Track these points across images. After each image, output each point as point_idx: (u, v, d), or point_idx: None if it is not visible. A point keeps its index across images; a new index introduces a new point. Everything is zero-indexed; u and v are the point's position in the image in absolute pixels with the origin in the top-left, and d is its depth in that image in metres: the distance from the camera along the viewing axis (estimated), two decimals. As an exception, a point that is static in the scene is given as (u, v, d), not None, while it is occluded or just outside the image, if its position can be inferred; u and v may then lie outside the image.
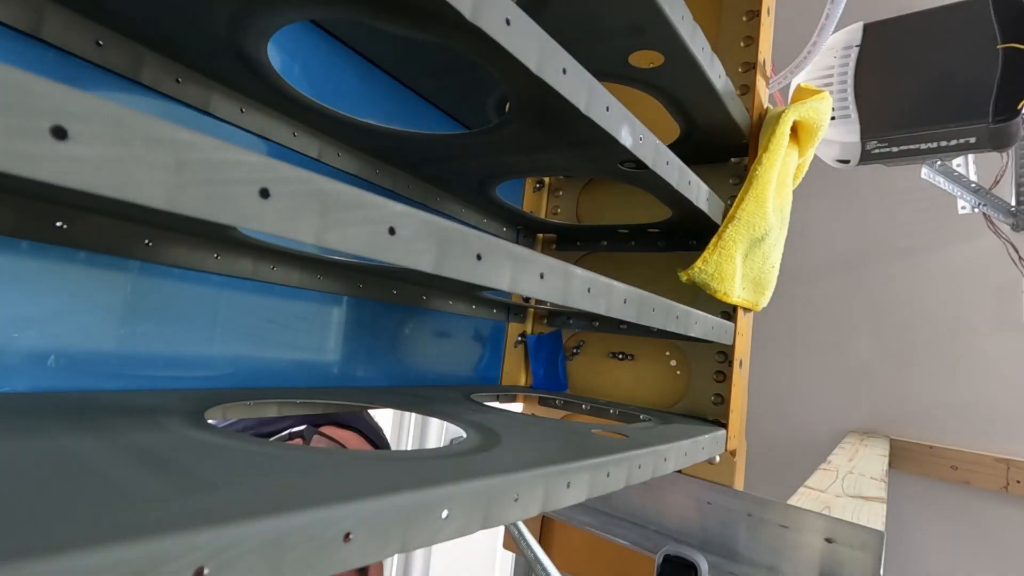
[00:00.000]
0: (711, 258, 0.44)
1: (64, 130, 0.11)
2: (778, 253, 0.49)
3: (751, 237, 0.45)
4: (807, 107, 0.47)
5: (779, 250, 0.49)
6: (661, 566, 0.44)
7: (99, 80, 0.31)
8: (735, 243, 0.44)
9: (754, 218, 0.44)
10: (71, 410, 0.25)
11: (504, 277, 0.22)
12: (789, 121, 0.46)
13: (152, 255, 0.33)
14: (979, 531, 1.11)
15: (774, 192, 0.46)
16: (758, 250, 0.47)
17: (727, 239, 0.44)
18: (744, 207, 0.44)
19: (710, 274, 0.44)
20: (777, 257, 0.49)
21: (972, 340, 1.16)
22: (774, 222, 0.46)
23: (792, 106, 0.47)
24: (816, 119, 0.47)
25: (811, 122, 0.47)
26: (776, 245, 0.48)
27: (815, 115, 0.47)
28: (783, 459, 1.28)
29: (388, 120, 0.41)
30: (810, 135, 0.48)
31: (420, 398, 0.44)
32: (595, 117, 0.29)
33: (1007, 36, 0.70)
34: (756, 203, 0.44)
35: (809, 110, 0.47)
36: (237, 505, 0.15)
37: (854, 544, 0.41)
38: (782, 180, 0.48)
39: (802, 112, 0.47)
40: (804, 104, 0.47)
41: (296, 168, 0.15)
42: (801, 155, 0.50)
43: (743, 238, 0.44)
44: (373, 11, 0.25)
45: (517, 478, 0.22)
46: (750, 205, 0.44)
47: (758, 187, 0.45)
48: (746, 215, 0.44)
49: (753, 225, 0.44)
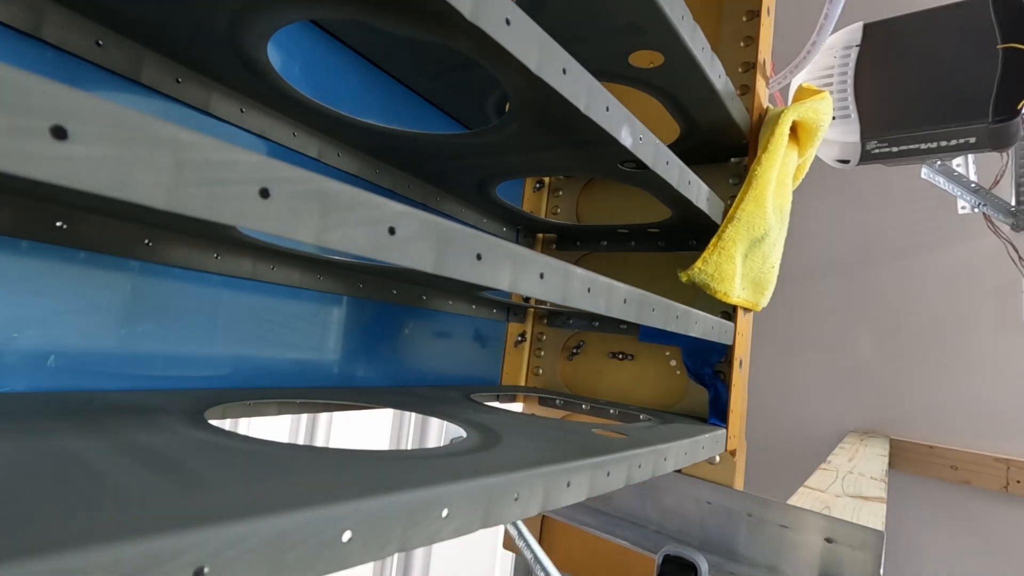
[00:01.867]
0: (711, 258, 0.44)
1: (64, 130, 0.11)
2: (778, 253, 0.49)
3: (751, 237, 0.45)
4: (806, 107, 0.47)
5: (779, 250, 0.49)
6: (661, 566, 0.44)
7: (99, 80, 0.31)
8: (735, 243, 0.44)
9: (754, 218, 0.44)
10: (71, 410, 0.25)
11: (504, 277, 0.22)
12: (788, 121, 0.46)
13: (152, 255, 0.33)
14: (979, 531, 1.11)
15: (773, 192, 0.46)
16: (758, 250, 0.47)
17: (727, 239, 0.44)
18: (744, 207, 0.44)
19: (710, 274, 0.44)
20: (777, 257, 0.49)
21: (972, 340, 1.16)
22: (773, 222, 0.46)
23: (791, 106, 0.47)
24: (816, 119, 0.47)
25: (811, 122, 0.47)
26: (776, 245, 0.48)
27: (815, 115, 0.47)
28: (783, 459, 1.28)
29: (388, 120, 0.41)
30: (810, 135, 0.48)
31: (420, 398, 0.44)
32: (595, 117, 0.29)
33: (1007, 36, 0.70)
34: (756, 203, 0.44)
35: (809, 110, 0.47)
36: (237, 505, 0.15)
37: (854, 544, 0.41)
38: (781, 180, 0.48)
39: (801, 112, 0.47)
40: (803, 104, 0.47)
41: (296, 168, 0.15)
42: (801, 155, 0.50)
43: (743, 238, 0.44)
44: (373, 11, 0.25)
45: (517, 477, 0.22)
46: (750, 205, 0.44)
47: (757, 187, 0.45)
48: (746, 215, 0.44)
49: (753, 225, 0.44)
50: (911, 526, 1.17)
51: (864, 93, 0.81)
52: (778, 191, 0.47)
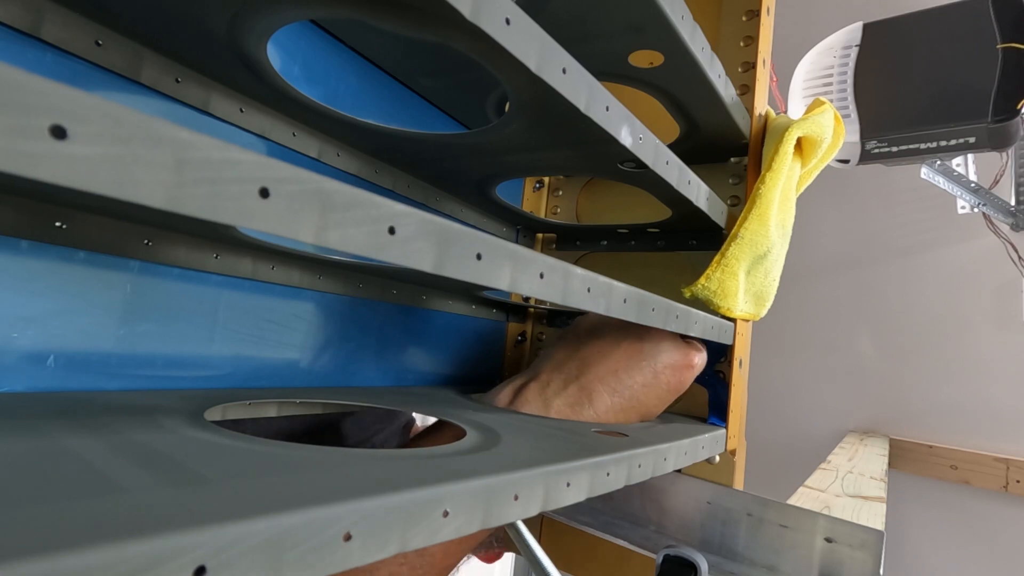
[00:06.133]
0: (714, 276, 0.44)
1: (63, 129, 0.11)
2: (779, 267, 0.49)
3: (754, 255, 0.45)
4: (810, 122, 0.47)
5: (780, 264, 0.49)
6: (661, 566, 0.44)
7: (99, 80, 0.31)
8: (738, 261, 0.44)
9: (757, 236, 0.44)
10: (71, 410, 0.25)
11: (504, 277, 0.22)
12: (793, 139, 0.46)
13: (152, 255, 0.33)
14: (979, 531, 1.11)
15: (777, 209, 0.46)
16: (760, 266, 0.46)
17: (730, 257, 0.44)
18: (747, 226, 0.44)
19: (713, 291, 0.44)
20: (779, 271, 0.49)
21: (972, 340, 1.16)
22: (776, 238, 0.46)
23: (796, 123, 0.47)
24: (820, 133, 0.47)
25: (815, 136, 0.47)
26: (778, 260, 0.48)
27: (819, 129, 0.47)
28: (783, 459, 1.28)
29: (388, 120, 0.41)
30: (813, 147, 0.48)
31: (420, 398, 0.44)
32: (595, 117, 0.29)
33: (1007, 36, 0.70)
34: (759, 222, 0.44)
35: (813, 125, 0.47)
36: (237, 504, 0.15)
37: (854, 544, 0.41)
38: (785, 196, 0.47)
39: (805, 128, 0.46)
40: (807, 119, 0.47)
41: (296, 168, 0.15)
42: (804, 166, 0.50)
43: (746, 256, 0.44)
44: (373, 11, 0.25)
45: (517, 477, 0.22)
46: (753, 223, 0.44)
47: (761, 206, 0.44)
48: (749, 234, 0.44)
49: (756, 244, 0.44)
50: (911, 526, 1.17)
51: (864, 93, 0.81)
52: (781, 207, 0.47)
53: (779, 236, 0.47)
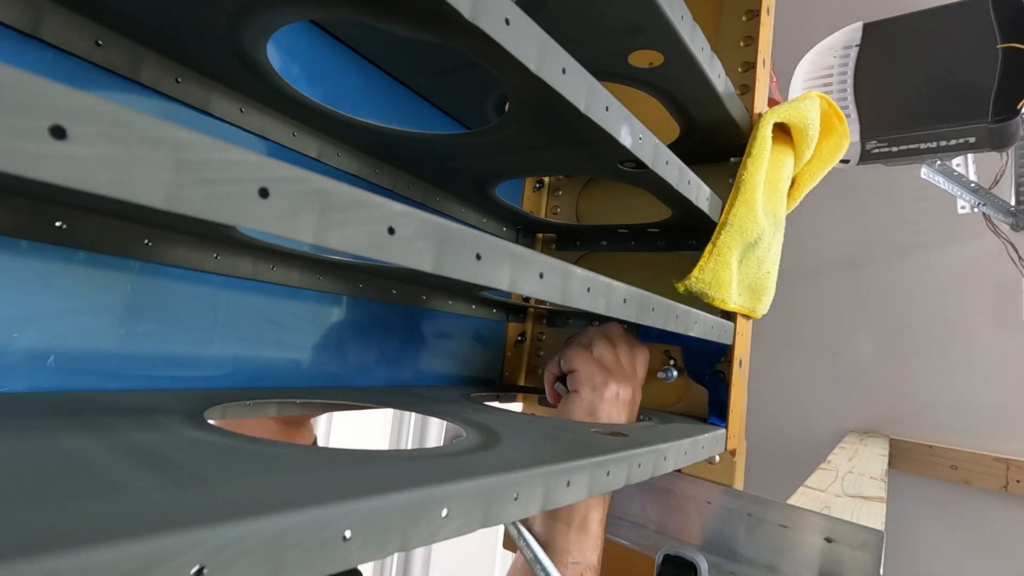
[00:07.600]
0: (707, 266, 0.44)
1: (63, 129, 0.11)
2: (773, 258, 0.49)
3: (744, 242, 0.45)
4: (787, 107, 0.47)
5: (774, 255, 0.49)
6: (661, 566, 0.45)
7: (99, 80, 0.31)
8: (729, 248, 0.44)
9: (745, 222, 0.44)
10: (71, 410, 0.25)
11: (504, 277, 0.22)
12: (768, 124, 0.46)
13: (152, 255, 0.33)
14: (979, 531, 1.11)
15: (764, 196, 0.46)
16: (752, 255, 0.47)
17: (721, 245, 0.44)
18: (735, 212, 0.44)
19: (707, 282, 0.44)
20: (772, 262, 0.49)
21: (972, 340, 1.16)
22: (766, 226, 0.46)
23: (771, 109, 0.47)
24: (800, 117, 0.47)
25: (798, 122, 0.47)
26: (770, 250, 0.48)
27: (797, 114, 0.47)
28: (783, 459, 1.28)
29: (388, 120, 0.41)
30: (801, 135, 0.48)
31: (420, 398, 0.44)
32: (595, 117, 0.29)
33: (1007, 36, 0.70)
34: (746, 207, 0.45)
35: (790, 109, 0.47)
36: (236, 504, 0.15)
37: (854, 544, 0.41)
38: (773, 184, 0.47)
39: (782, 114, 0.47)
40: (784, 105, 0.47)
41: (295, 168, 0.15)
42: (798, 157, 0.50)
43: (737, 243, 0.45)
44: (373, 11, 0.25)
45: (517, 477, 0.22)
46: (740, 209, 0.44)
47: (746, 191, 0.45)
48: (737, 220, 0.44)
49: (745, 229, 0.44)
50: (911, 526, 1.17)
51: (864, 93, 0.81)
52: (770, 195, 0.47)
53: (770, 224, 0.47)
